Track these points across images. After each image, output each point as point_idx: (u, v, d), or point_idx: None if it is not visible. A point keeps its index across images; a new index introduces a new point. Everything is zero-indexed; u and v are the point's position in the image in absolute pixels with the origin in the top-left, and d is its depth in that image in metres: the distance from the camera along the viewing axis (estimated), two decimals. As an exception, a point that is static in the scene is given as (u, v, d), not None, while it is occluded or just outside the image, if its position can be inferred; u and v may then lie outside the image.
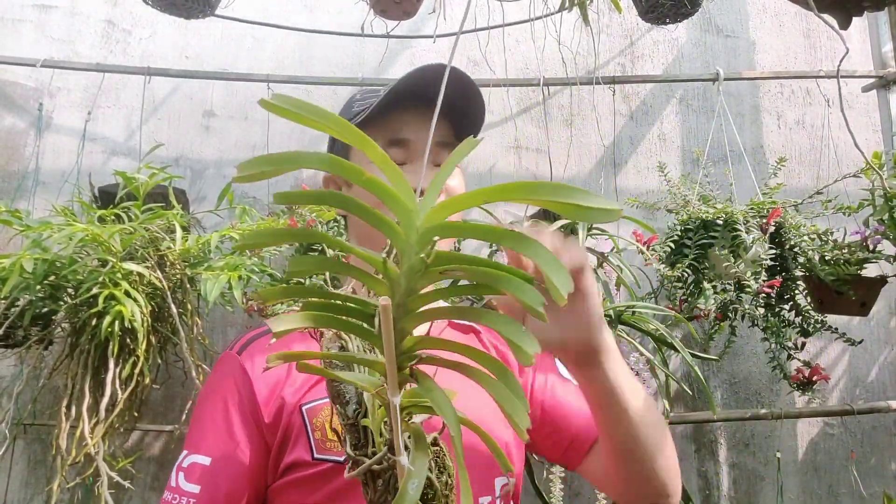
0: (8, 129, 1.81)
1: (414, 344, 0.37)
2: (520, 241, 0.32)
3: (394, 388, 0.36)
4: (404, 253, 0.34)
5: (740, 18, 2.03)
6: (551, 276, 0.31)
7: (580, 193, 0.31)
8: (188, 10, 1.52)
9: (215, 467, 0.60)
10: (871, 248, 1.41)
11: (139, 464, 1.63)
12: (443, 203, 0.33)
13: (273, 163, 0.32)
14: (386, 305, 0.33)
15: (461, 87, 0.69)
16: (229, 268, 1.26)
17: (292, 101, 0.32)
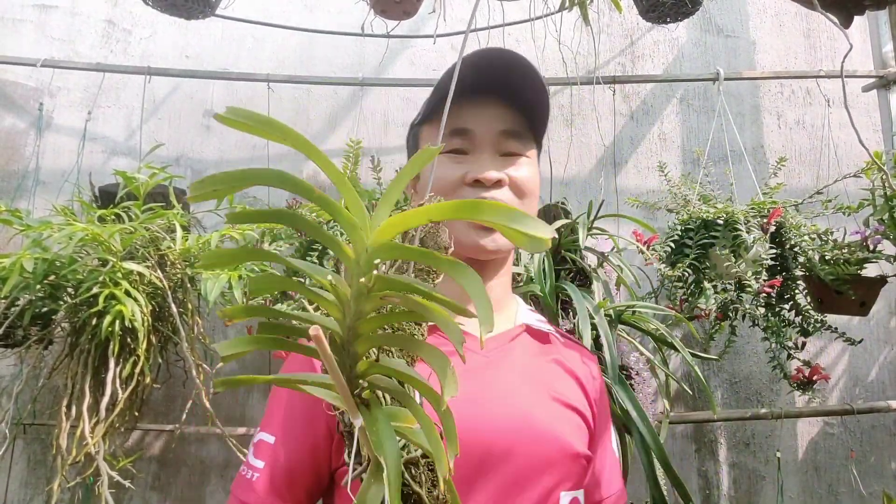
0: (8, 129, 1.81)
1: (366, 369, 0.37)
2: (455, 268, 0.33)
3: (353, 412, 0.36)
4: (352, 275, 0.35)
5: (741, 18, 2.03)
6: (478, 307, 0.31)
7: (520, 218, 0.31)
8: (188, 10, 1.52)
9: (277, 445, 0.63)
10: (871, 248, 1.41)
11: (140, 463, 1.63)
12: (390, 221, 0.33)
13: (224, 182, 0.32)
14: (316, 335, 0.32)
15: (523, 74, 0.68)
16: (230, 267, 1.26)
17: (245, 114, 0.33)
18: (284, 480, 0.62)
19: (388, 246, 0.33)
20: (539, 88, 0.69)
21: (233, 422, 1.68)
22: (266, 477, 0.62)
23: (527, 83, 0.68)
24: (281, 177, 0.33)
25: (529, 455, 0.61)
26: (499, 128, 0.69)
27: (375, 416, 0.37)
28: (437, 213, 0.33)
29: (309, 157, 0.33)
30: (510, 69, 0.67)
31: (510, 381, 0.66)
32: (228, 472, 1.69)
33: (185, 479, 1.68)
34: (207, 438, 1.68)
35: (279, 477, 0.62)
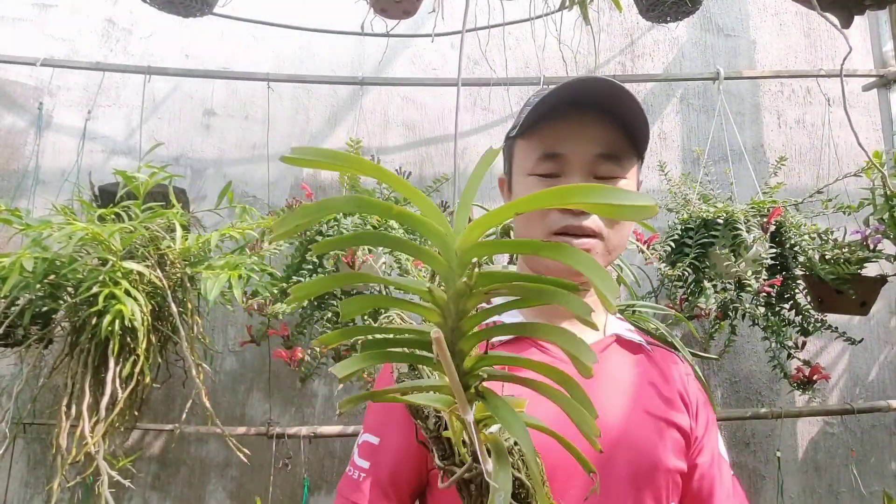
0: (8, 128, 1.81)
1: (475, 363, 0.38)
2: (559, 250, 0.32)
3: (464, 408, 0.37)
4: (448, 278, 0.35)
5: (741, 17, 2.02)
6: (597, 283, 0.30)
7: (613, 192, 0.30)
8: (186, 7, 1.52)
9: (381, 446, 0.65)
10: (871, 248, 1.41)
11: (139, 463, 1.63)
12: (475, 223, 0.33)
13: (305, 216, 0.33)
14: (438, 337, 0.33)
15: (617, 96, 0.66)
16: (229, 267, 1.26)
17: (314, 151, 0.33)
18: (390, 480, 0.63)
19: (478, 245, 0.33)
20: (638, 109, 0.66)
21: (232, 421, 1.68)
22: (372, 477, 0.63)
23: (627, 104, 0.66)
24: (359, 202, 0.34)
25: (621, 471, 0.61)
26: (594, 151, 0.67)
27: (496, 403, 0.37)
28: (521, 206, 0.32)
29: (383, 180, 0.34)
30: (610, 91, 0.65)
31: (602, 396, 0.65)
32: (228, 472, 1.69)
33: (184, 479, 1.68)
34: (207, 438, 1.68)
35: (384, 477, 0.63)
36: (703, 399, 0.75)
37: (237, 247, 1.40)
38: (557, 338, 0.34)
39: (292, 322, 1.47)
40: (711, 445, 0.72)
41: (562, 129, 0.67)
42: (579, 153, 0.67)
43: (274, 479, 1.57)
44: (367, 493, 0.62)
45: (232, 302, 1.34)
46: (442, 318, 0.37)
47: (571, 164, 0.67)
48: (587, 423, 0.36)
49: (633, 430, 0.64)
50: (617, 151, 0.68)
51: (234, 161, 1.86)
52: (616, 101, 0.66)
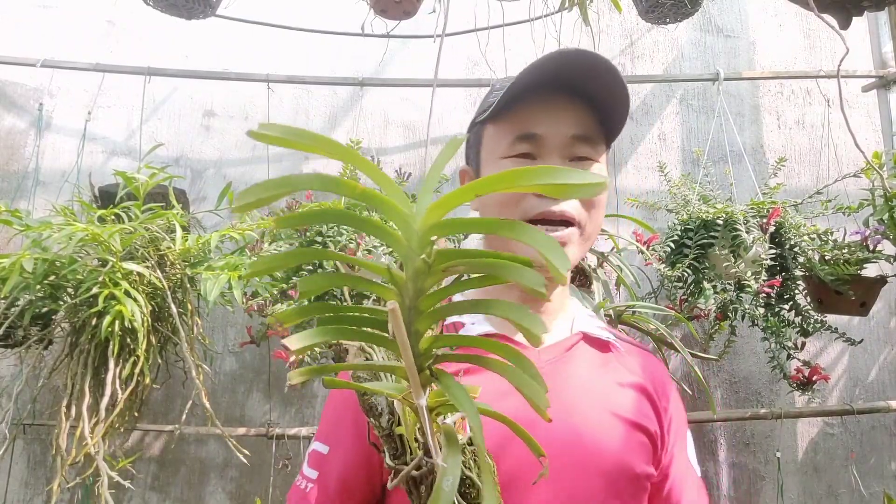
0: (8, 129, 1.81)
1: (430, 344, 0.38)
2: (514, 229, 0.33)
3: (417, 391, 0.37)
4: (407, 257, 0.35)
5: (740, 18, 2.03)
6: (549, 256, 0.31)
7: (562, 173, 0.31)
8: (189, 10, 1.52)
9: (330, 455, 0.63)
10: (870, 248, 1.41)
11: (139, 464, 1.63)
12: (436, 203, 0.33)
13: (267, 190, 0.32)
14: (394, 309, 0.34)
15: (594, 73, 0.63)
16: (229, 267, 1.26)
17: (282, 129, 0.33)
18: (338, 490, 0.61)
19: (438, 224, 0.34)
20: (618, 88, 0.64)
21: (232, 422, 1.68)
22: (320, 488, 0.61)
23: (605, 83, 0.63)
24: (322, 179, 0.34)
25: (584, 476, 0.59)
26: (570, 132, 0.65)
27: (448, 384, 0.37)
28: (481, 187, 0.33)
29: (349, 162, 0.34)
30: (588, 70, 0.63)
31: (566, 397, 0.63)
32: (228, 473, 1.69)
33: (184, 480, 1.68)
34: (207, 439, 1.68)
35: (333, 488, 0.61)
36: (676, 402, 0.72)
37: (237, 248, 1.41)
38: (508, 312, 0.34)
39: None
40: (681, 452, 0.70)
41: (536, 109, 0.65)
42: (555, 134, 0.65)
43: (273, 480, 1.57)
44: (315, 502, 0.60)
45: (232, 303, 1.34)
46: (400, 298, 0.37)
47: (547, 146, 0.65)
48: (538, 395, 0.36)
49: (598, 433, 0.61)
50: (590, 133, 0.66)
51: (233, 162, 1.86)
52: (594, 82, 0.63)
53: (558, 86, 0.65)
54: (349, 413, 0.64)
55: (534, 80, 0.64)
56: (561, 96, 0.65)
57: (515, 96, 0.65)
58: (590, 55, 0.63)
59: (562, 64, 0.63)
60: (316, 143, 0.33)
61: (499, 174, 0.32)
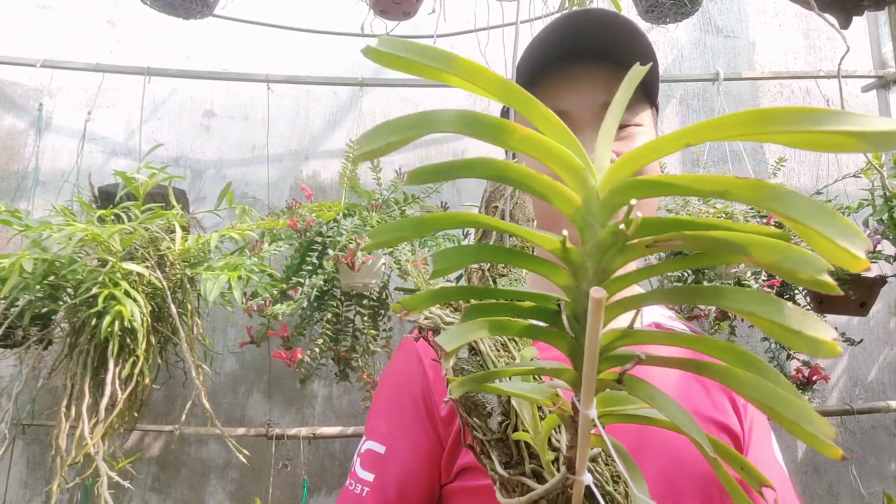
0: (8, 129, 1.81)
1: (611, 341, 0.29)
2: (761, 192, 0.22)
3: (588, 400, 0.28)
4: (585, 226, 0.26)
5: (740, 18, 2.03)
6: (828, 233, 0.21)
7: (835, 117, 0.21)
8: (186, 10, 1.52)
9: (388, 456, 0.57)
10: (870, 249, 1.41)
11: (139, 464, 1.63)
12: (628, 155, 0.25)
13: (401, 130, 0.26)
14: (600, 299, 0.24)
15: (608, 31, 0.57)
16: (229, 268, 1.26)
17: (403, 45, 0.25)
18: (397, 496, 0.55)
19: (634, 183, 0.24)
20: (642, 44, 0.57)
21: (232, 422, 1.68)
22: (377, 492, 0.55)
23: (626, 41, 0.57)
24: (470, 119, 0.25)
25: (658, 477, 0.52)
26: (599, 101, 0.58)
27: (651, 393, 0.28)
28: (698, 134, 0.23)
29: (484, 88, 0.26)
30: (604, 29, 0.57)
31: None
32: (228, 473, 1.69)
33: (184, 480, 1.68)
34: (207, 439, 1.68)
35: (392, 492, 0.55)
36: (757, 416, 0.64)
37: (237, 248, 1.41)
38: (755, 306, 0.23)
39: (292, 323, 1.47)
40: (767, 449, 0.61)
41: (557, 84, 0.59)
42: (582, 106, 0.59)
43: (274, 480, 1.57)
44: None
45: (232, 303, 1.34)
46: (573, 280, 0.28)
47: (577, 120, 0.59)
48: (811, 420, 0.23)
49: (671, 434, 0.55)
50: None
51: (233, 162, 1.86)
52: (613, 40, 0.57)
53: (577, 52, 0.58)
54: (407, 405, 0.58)
55: (549, 53, 0.58)
56: (582, 64, 0.59)
57: (531, 75, 0.60)
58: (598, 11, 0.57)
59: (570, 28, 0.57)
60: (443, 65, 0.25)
61: (733, 116, 0.22)
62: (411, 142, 0.26)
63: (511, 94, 0.25)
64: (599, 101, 0.58)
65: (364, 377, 1.41)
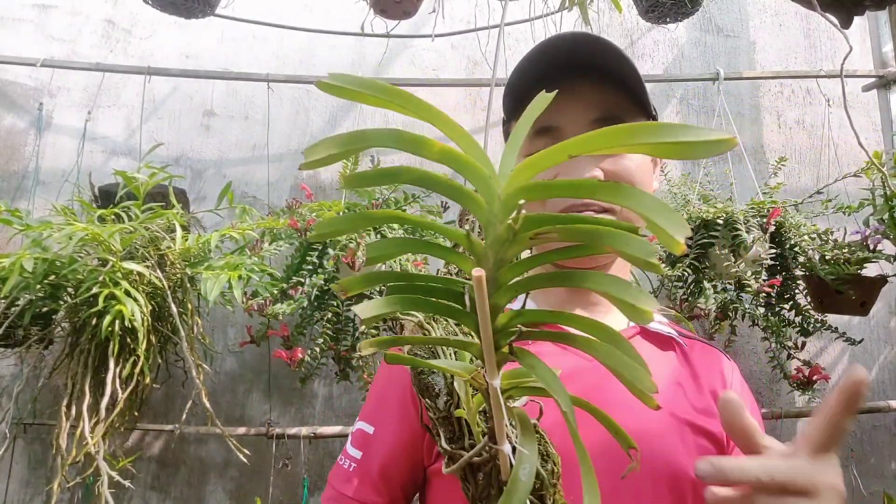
0: (8, 129, 1.81)
1: (509, 319, 0.34)
2: (617, 192, 0.28)
3: (492, 370, 0.33)
4: (488, 223, 0.32)
5: (740, 18, 2.03)
6: (661, 224, 0.27)
7: (682, 129, 0.26)
8: (188, 9, 1.52)
9: (375, 436, 0.61)
10: (871, 248, 1.41)
11: (139, 463, 1.63)
12: (523, 164, 0.30)
13: (339, 145, 0.30)
14: (479, 277, 0.30)
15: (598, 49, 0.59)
16: (229, 267, 1.26)
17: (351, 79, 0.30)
18: (381, 473, 0.59)
19: (525, 187, 0.30)
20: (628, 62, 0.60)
21: (232, 422, 1.68)
22: (363, 468, 0.60)
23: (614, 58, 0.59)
24: (397, 135, 0.30)
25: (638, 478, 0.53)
26: (589, 117, 0.60)
27: (531, 362, 0.34)
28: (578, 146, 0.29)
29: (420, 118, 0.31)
30: (593, 48, 0.59)
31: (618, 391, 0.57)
32: (228, 472, 1.69)
33: (184, 479, 1.68)
34: (207, 438, 1.68)
35: (376, 469, 0.59)
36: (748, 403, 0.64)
37: (237, 247, 1.41)
38: (606, 286, 0.30)
39: (292, 322, 1.47)
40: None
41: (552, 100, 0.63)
42: (574, 122, 0.60)
43: (274, 480, 1.57)
44: (358, 484, 0.58)
45: (232, 302, 1.34)
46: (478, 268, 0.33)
47: (567, 135, 0.60)
48: (643, 380, 0.31)
49: (653, 434, 0.56)
50: (614, 113, 0.61)
51: (234, 161, 1.86)
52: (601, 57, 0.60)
53: (569, 69, 0.60)
54: (396, 392, 0.62)
55: (539, 70, 0.60)
56: (571, 82, 0.60)
57: (523, 92, 0.62)
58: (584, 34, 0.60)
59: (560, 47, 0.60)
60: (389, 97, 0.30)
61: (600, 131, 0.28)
62: (352, 154, 0.32)
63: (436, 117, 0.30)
64: (591, 116, 0.61)
65: (364, 377, 1.41)
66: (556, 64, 0.60)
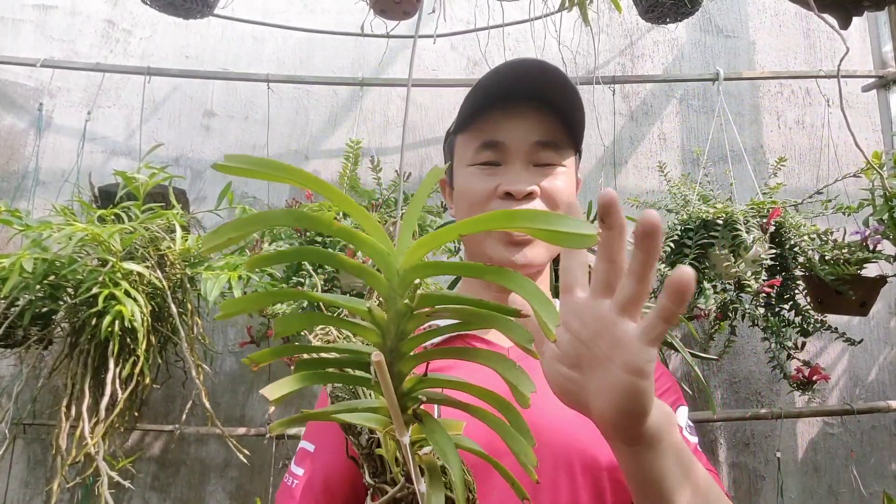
0: (8, 129, 1.81)
1: (413, 385, 0.38)
2: (502, 276, 0.32)
3: (401, 429, 0.37)
4: (389, 298, 0.35)
5: (740, 18, 2.03)
6: (538, 310, 0.31)
7: (556, 219, 0.30)
8: (187, 9, 1.52)
9: (315, 454, 0.64)
10: (871, 248, 1.41)
11: (139, 463, 1.63)
12: (417, 243, 0.33)
13: (237, 229, 0.31)
14: (379, 361, 0.33)
15: (548, 80, 0.66)
16: (229, 268, 1.26)
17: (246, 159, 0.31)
18: (322, 488, 0.61)
19: (421, 265, 0.33)
20: (574, 95, 0.67)
21: (232, 422, 1.68)
22: (305, 485, 0.62)
23: (561, 90, 0.66)
24: (297, 216, 0.33)
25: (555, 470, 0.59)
26: (532, 139, 0.67)
27: (432, 427, 0.37)
28: (466, 227, 0.32)
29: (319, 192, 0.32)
30: (545, 78, 0.66)
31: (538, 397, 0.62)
32: (228, 473, 1.69)
33: (184, 480, 1.68)
34: (207, 439, 1.68)
35: (317, 485, 0.62)
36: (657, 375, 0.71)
37: (237, 247, 1.41)
38: (496, 364, 0.34)
39: (292, 323, 1.47)
40: None
41: (499, 118, 0.67)
42: (518, 141, 0.67)
43: (274, 480, 1.57)
44: (300, 501, 0.61)
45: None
46: (381, 339, 0.36)
47: (510, 152, 0.67)
48: (524, 453, 0.35)
49: (570, 430, 0.61)
50: (554, 139, 0.68)
51: (233, 162, 1.86)
52: (549, 88, 0.66)
53: (518, 94, 0.67)
54: None
55: (494, 90, 0.66)
56: (523, 104, 0.68)
57: (478, 107, 0.67)
58: (540, 63, 0.66)
59: (517, 72, 0.65)
60: (278, 172, 0.31)
61: (489, 214, 0.32)
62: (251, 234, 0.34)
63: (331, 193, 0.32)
64: (533, 138, 0.67)
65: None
66: (508, 89, 0.66)
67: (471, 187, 0.68)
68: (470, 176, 0.69)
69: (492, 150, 0.68)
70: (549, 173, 0.68)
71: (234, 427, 1.56)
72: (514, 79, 0.66)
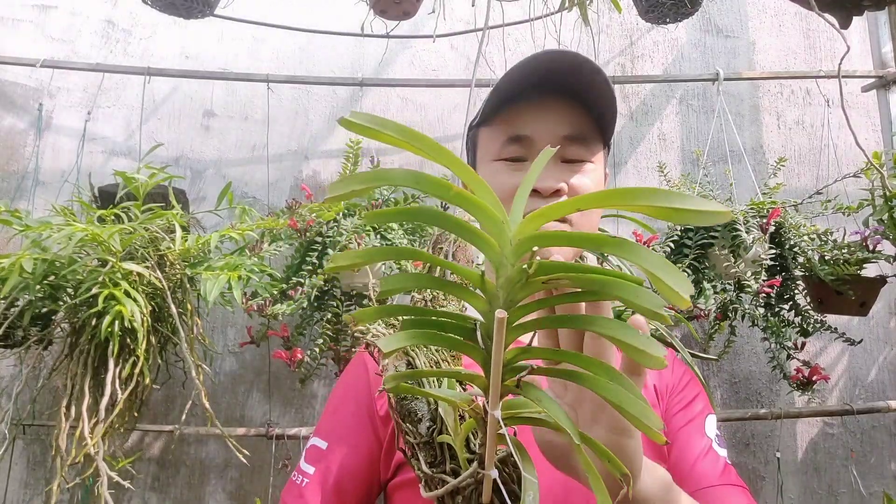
0: (8, 129, 1.81)
1: (515, 355, 0.37)
2: (623, 247, 0.31)
3: (495, 402, 0.35)
4: (499, 265, 0.34)
5: (740, 18, 2.03)
6: (666, 280, 0.29)
7: (679, 197, 0.29)
8: (187, 9, 1.52)
9: (329, 451, 0.62)
10: (870, 248, 1.41)
11: (139, 464, 1.63)
12: (535, 213, 0.32)
13: (361, 182, 0.32)
14: (502, 318, 0.32)
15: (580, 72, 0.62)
16: (229, 268, 1.26)
17: (370, 118, 0.32)
18: (335, 489, 0.60)
19: (537, 235, 0.32)
20: (605, 87, 0.64)
21: (232, 422, 1.68)
22: (317, 484, 0.60)
23: (592, 82, 0.63)
24: (417, 177, 0.33)
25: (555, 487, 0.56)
26: (560, 133, 0.64)
27: (537, 395, 0.36)
28: (585, 202, 0.32)
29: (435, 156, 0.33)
30: (574, 69, 0.63)
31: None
32: (228, 473, 1.69)
33: (184, 480, 1.68)
34: (207, 439, 1.68)
35: (330, 485, 0.60)
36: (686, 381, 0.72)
37: (237, 248, 1.41)
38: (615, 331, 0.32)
39: (292, 323, 1.47)
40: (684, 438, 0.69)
41: (526, 111, 0.65)
42: (545, 135, 0.64)
43: (274, 480, 1.57)
44: (311, 500, 0.59)
45: (232, 303, 1.33)
46: (488, 306, 0.35)
47: (538, 147, 0.64)
48: (645, 416, 0.32)
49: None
50: (584, 133, 0.65)
51: (233, 162, 1.86)
52: (581, 81, 0.63)
53: (547, 86, 0.64)
54: (349, 409, 0.64)
55: (522, 82, 0.64)
56: (551, 97, 0.65)
57: (505, 99, 0.65)
58: (573, 55, 0.63)
59: (547, 64, 0.63)
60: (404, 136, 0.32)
61: (607, 191, 0.31)
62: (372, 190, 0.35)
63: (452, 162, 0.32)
64: (562, 132, 0.65)
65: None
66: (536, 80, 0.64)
67: (496, 183, 0.66)
68: (496, 171, 0.66)
69: (518, 144, 0.65)
70: (578, 170, 0.66)
71: (234, 427, 1.56)
72: (542, 71, 0.63)
